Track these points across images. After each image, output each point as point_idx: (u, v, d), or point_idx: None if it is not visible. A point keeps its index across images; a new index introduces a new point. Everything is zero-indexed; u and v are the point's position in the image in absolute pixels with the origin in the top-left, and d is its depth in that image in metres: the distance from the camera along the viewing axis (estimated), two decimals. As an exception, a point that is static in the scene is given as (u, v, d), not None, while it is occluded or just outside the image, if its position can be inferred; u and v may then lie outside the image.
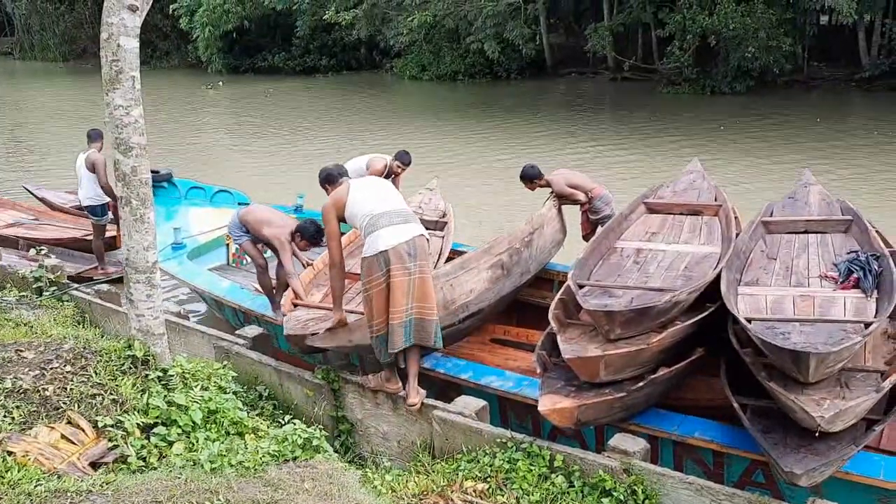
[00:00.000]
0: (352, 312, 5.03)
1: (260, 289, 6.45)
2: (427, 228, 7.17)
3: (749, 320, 4.03)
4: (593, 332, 4.31)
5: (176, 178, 9.83)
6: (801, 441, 3.62)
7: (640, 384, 4.07)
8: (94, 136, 8.46)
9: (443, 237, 7.02)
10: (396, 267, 4.31)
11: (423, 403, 4.47)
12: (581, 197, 6.82)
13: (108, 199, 8.26)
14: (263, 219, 6.07)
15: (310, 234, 5.88)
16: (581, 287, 4.63)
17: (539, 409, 4.10)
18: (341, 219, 4.67)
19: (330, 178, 5.01)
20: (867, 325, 3.87)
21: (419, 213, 7.27)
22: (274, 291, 6.18)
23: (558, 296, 4.75)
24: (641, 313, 4.14)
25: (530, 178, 6.84)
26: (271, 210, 6.41)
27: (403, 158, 7.39)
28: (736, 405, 3.96)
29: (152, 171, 9.19)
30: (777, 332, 3.88)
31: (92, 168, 8.19)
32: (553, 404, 4.04)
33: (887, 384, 3.66)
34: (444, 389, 4.88)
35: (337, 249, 4.64)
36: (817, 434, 3.50)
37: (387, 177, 7.28)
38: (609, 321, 4.14)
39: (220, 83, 29.28)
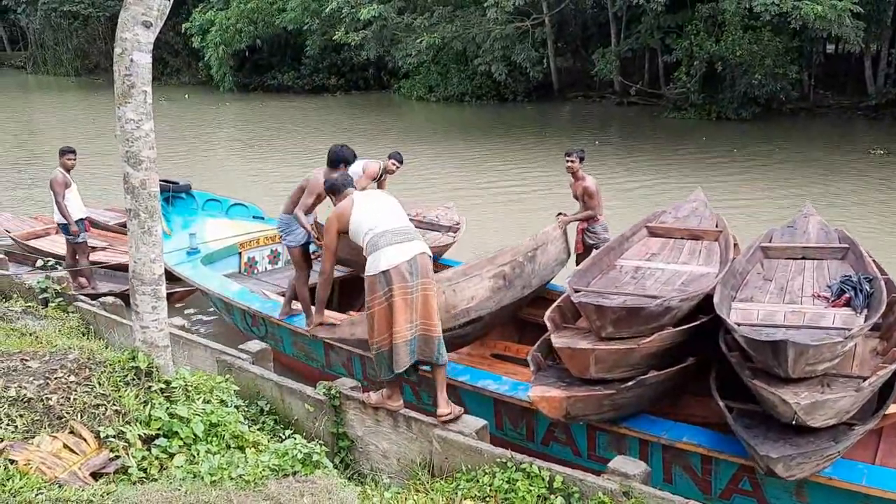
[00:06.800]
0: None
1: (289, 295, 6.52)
2: (440, 231, 7.77)
3: (739, 325, 4.16)
4: (587, 333, 4.53)
5: (194, 190, 9.93)
6: (781, 434, 3.77)
7: (630, 383, 4.22)
8: (60, 153, 8.29)
9: (454, 236, 7.70)
10: (398, 286, 4.35)
11: (455, 417, 4.41)
12: (594, 207, 7.12)
13: (64, 220, 8.16)
14: (301, 185, 6.16)
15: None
16: (577, 291, 4.82)
17: (529, 395, 4.32)
18: (343, 232, 4.76)
19: (334, 189, 5.05)
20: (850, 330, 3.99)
21: (435, 221, 8.00)
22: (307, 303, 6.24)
23: (556, 303, 4.98)
24: (632, 313, 4.30)
25: (579, 157, 7.15)
26: None
27: (397, 157, 7.82)
28: (721, 404, 4.10)
29: (171, 182, 9.35)
30: (762, 332, 4.00)
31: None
32: (543, 392, 4.26)
33: (867, 384, 3.76)
34: None
35: (329, 262, 4.95)
36: (794, 422, 3.63)
37: (382, 174, 7.69)
38: (600, 316, 4.31)
39: (186, 95, 29.45)
